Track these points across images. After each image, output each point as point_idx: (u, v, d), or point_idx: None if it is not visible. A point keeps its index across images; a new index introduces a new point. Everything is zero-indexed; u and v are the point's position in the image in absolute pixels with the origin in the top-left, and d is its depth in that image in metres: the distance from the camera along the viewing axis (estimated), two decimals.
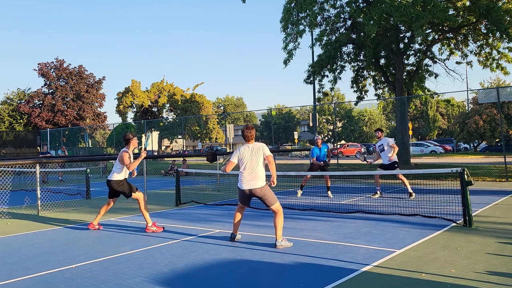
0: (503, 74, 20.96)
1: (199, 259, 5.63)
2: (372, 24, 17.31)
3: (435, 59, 22.94)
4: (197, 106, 52.04)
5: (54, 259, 5.86)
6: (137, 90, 50.76)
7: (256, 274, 4.97)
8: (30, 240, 7.20)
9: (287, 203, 10.49)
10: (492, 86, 48.46)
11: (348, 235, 6.75)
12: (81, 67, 46.37)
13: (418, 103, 63.53)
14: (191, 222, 8.39)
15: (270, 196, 6.19)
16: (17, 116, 44.46)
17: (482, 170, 17.54)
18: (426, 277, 4.57)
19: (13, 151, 38.18)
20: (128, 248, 6.34)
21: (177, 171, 11.44)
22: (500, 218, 7.85)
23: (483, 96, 18.63)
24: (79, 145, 42.35)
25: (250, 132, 6.26)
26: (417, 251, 5.67)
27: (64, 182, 20.43)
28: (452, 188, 11.12)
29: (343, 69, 23.04)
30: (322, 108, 65.42)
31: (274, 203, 6.19)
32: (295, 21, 20.88)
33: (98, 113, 47.14)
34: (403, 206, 9.47)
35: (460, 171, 7.21)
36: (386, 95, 25.56)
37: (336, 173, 12.01)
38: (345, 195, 12.07)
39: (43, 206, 10.76)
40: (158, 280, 4.77)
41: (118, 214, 9.56)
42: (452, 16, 17.10)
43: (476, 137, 37.58)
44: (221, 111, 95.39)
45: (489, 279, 4.43)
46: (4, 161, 13.20)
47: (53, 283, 4.78)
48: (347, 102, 61.50)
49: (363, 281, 4.54)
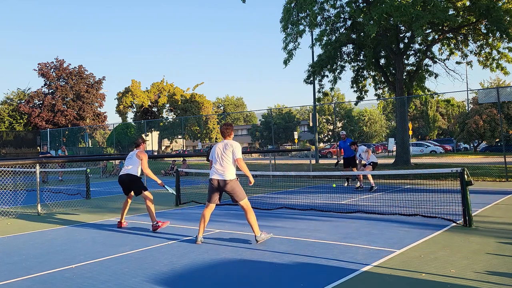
0: (503, 74, 20.97)
1: (199, 259, 5.63)
2: (372, 24, 17.31)
3: (435, 59, 22.95)
4: (197, 106, 52.06)
5: (54, 259, 5.87)
6: (137, 90, 50.78)
7: (256, 274, 4.97)
8: (30, 240, 7.21)
9: (287, 203, 10.50)
10: (492, 86, 48.47)
11: (348, 235, 6.75)
12: (81, 67, 46.40)
13: (418, 103, 63.57)
14: (191, 222, 8.39)
15: (238, 191, 6.36)
16: (17, 116, 44.47)
17: (482, 170, 17.54)
18: (426, 277, 4.57)
19: (13, 151, 38.20)
20: (128, 248, 6.34)
21: (177, 171, 11.44)
22: (500, 218, 7.85)
23: (483, 96, 18.63)
24: (79, 145, 42.36)
25: (227, 129, 6.55)
26: (417, 251, 5.67)
27: (64, 182, 20.44)
28: (452, 188, 11.12)
29: (343, 69, 23.05)
30: (322, 108, 65.40)
31: (243, 198, 6.37)
32: (295, 21, 20.89)
33: (98, 113, 47.17)
34: (403, 206, 9.46)
35: (460, 171, 7.21)
36: (386, 95, 25.57)
37: (336, 173, 12.02)
38: (345, 195, 12.07)
39: (43, 206, 10.76)
40: (158, 280, 4.77)
41: (118, 214, 9.55)
42: (452, 16, 17.11)
43: (476, 137, 37.54)
44: (221, 111, 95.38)
45: (489, 279, 4.43)
46: (4, 161, 13.21)
47: (53, 283, 4.79)
48: (347, 102, 61.51)
49: (363, 281, 4.54)
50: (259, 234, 6.35)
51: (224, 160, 6.36)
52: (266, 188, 14.57)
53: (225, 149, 6.40)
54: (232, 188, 6.34)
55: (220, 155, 6.41)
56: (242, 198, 6.37)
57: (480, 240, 6.19)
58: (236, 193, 6.35)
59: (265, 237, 6.37)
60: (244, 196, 6.40)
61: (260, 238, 6.34)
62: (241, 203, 6.37)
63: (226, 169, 6.35)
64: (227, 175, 6.33)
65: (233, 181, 6.35)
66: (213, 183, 6.41)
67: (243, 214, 6.73)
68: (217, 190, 6.44)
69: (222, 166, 6.36)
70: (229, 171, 6.35)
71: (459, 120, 40.18)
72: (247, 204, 6.39)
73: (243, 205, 6.36)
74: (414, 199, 10.46)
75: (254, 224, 6.34)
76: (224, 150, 6.40)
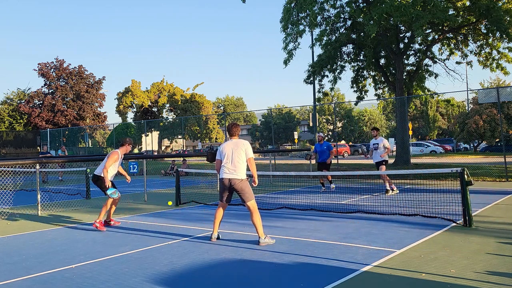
0: (503, 74, 20.97)
1: (199, 259, 5.63)
2: (372, 24, 17.31)
3: (435, 59, 22.95)
4: (197, 106, 52.03)
5: (54, 259, 5.86)
6: (137, 90, 50.75)
7: (257, 274, 4.97)
8: (30, 240, 7.20)
9: (287, 203, 10.50)
10: (492, 86, 48.46)
11: (348, 235, 6.75)
12: (81, 67, 46.39)
13: (418, 103, 63.56)
14: (191, 222, 8.38)
15: (248, 192, 6.36)
16: (17, 116, 44.45)
17: (482, 170, 17.54)
18: (426, 277, 4.57)
19: (13, 151, 38.18)
20: (128, 248, 6.34)
21: (177, 171, 11.44)
22: (500, 218, 7.84)
23: (483, 96, 18.65)
24: (79, 145, 42.36)
25: (236, 128, 6.58)
26: (417, 251, 5.67)
27: (64, 182, 20.44)
28: (452, 188, 11.11)
29: (343, 69, 23.05)
30: (322, 108, 65.42)
31: (251, 199, 6.35)
32: (295, 21, 20.89)
33: (98, 113, 47.15)
34: (403, 206, 9.46)
35: (460, 171, 7.21)
36: (386, 95, 25.57)
37: (335, 173, 12.01)
38: (345, 195, 12.07)
39: (43, 206, 10.76)
40: (157, 280, 4.77)
41: (118, 214, 9.56)
42: (452, 16, 17.11)
43: (476, 137, 37.55)
44: (221, 111, 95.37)
45: (489, 279, 4.43)
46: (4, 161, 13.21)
47: (53, 283, 4.78)
48: (347, 102, 61.55)
49: (363, 281, 4.54)
50: (263, 237, 6.29)
51: (236, 159, 6.34)
52: (266, 188, 14.57)
53: (236, 147, 6.39)
54: (242, 188, 6.33)
55: (231, 154, 6.37)
56: (250, 199, 6.34)
57: (480, 240, 6.19)
58: (245, 193, 6.33)
59: (268, 241, 6.31)
60: (252, 197, 6.38)
61: (264, 241, 6.27)
62: (248, 204, 6.34)
63: (238, 168, 6.34)
64: (239, 174, 6.33)
65: (243, 181, 6.35)
66: (224, 182, 6.40)
67: (243, 214, 6.74)
68: (227, 189, 6.44)
69: (234, 165, 6.34)
70: (240, 170, 6.35)
71: (459, 120, 40.19)
72: (254, 205, 6.35)
73: (250, 206, 6.33)
74: (414, 199, 10.45)
75: (259, 226, 6.30)
76: (234, 149, 6.38)
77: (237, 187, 6.32)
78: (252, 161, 6.40)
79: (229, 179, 6.34)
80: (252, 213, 6.32)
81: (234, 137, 6.55)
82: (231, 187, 6.38)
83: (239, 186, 6.32)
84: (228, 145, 6.47)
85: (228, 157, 6.38)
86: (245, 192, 6.33)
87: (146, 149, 35.10)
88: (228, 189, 6.44)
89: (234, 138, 6.55)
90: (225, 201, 6.57)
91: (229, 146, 6.45)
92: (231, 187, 6.37)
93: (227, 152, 6.41)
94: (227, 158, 6.39)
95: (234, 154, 6.36)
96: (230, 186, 6.37)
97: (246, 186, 6.36)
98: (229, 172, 6.35)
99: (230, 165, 6.35)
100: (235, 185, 6.32)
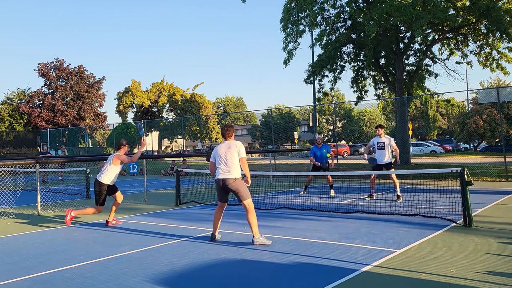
0: (503, 74, 20.97)
1: (199, 259, 5.63)
2: (372, 24, 17.31)
3: (435, 59, 22.95)
4: (197, 106, 52.06)
5: (54, 259, 5.87)
6: (137, 90, 50.78)
7: (256, 274, 4.97)
8: (30, 240, 7.21)
9: (287, 203, 10.50)
10: (492, 86, 48.47)
11: (348, 235, 6.75)
12: (81, 67, 46.40)
13: (418, 103, 63.55)
14: (191, 222, 8.39)
15: (243, 191, 6.40)
16: (17, 116, 44.46)
17: (482, 170, 17.54)
18: (426, 277, 4.57)
19: (13, 151, 38.19)
20: (128, 248, 6.34)
21: (177, 171, 11.44)
22: (500, 218, 7.84)
23: (483, 96, 18.64)
24: (79, 145, 42.36)
25: (229, 131, 6.65)
26: (417, 251, 5.67)
27: (64, 182, 20.44)
28: (452, 188, 11.11)
29: (343, 69, 23.04)
30: (322, 108, 65.40)
31: (246, 198, 6.39)
32: (295, 21, 20.88)
33: (98, 113, 47.16)
34: (403, 206, 9.46)
35: (460, 171, 7.21)
36: (386, 95, 25.56)
37: (336, 173, 12.00)
38: (345, 195, 12.07)
39: (43, 206, 10.76)
40: (158, 280, 4.77)
41: (118, 214, 9.56)
42: (452, 16, 17.10)
43: (476, 137, 37.56)
44: (221, 111, 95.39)
45: (489, 279, 4.43)
46: (4, 161, 13.21)
47: (53, 283, 4.79)
48: (347, 102, 61.51)
49: (363, 281, 4.54)
50: (258, 236, 6.33)
51: (229, 160, 6.42)
52: (266, 188, 14.57)
53: (229, 148, 6.46)
54: (236, 187, 6.38)
55: (223, 155, 6.46)
56: (246, 198, 6.39)
57: (480, 240, 6.19)
58: (240, 192, 6.38)
59: (263, 241, 6.32)
60: (248, 196, 6.43)
61: (258, 240, 6.30)
62: (244, 203, 6.39)
63: (231, 168, 6.41)
64: (233, 174, 6.40)
65: (237, 180, 6.41)
66: (219, 182, 6.49)
67: (243, 214, 6.74)
68: (223, 189, 6.51)
69: (227, 166, 6.41)
70: (234, 170, 6.41)
71: (459, 120, 40.19)
72: (250, 204, 6.40)
73: (246, 205, 6.38)
74: (414, 199, 10.46)
75: (254, 225, 6.35)
76: (228, 150, 6.45)
77: (231, 186, 6.39)
78: (244, 161, 6.46)
79: (223, 179, 6.42)
80: (248, 211, 6.37)
81: (227, 139, 6.63)
82: (226, 187, 6.44)
83: (233, 186, 6.38)
84: (222, 147, 6.56)
85: (221, 159, 6.47)
86: (240, 191, 6.39)
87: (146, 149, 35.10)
88: (223, 189, 6.51)
89: (228, 139, 6.62)
90: (222, 201, 6.64)
91: (222, 148, 6.54)
92: (226, 187, 6.43)
93: (221, 153, 6.50)
94: (219, 160, 6.49)
95: (227, 155, 6.44)
96: (224, 186, 6.44)
97: (241, 185, 6.42)
98: (223, 172, 6.43)
99: (224, 166, 6.44)
100: (230, 185, 6.39)
